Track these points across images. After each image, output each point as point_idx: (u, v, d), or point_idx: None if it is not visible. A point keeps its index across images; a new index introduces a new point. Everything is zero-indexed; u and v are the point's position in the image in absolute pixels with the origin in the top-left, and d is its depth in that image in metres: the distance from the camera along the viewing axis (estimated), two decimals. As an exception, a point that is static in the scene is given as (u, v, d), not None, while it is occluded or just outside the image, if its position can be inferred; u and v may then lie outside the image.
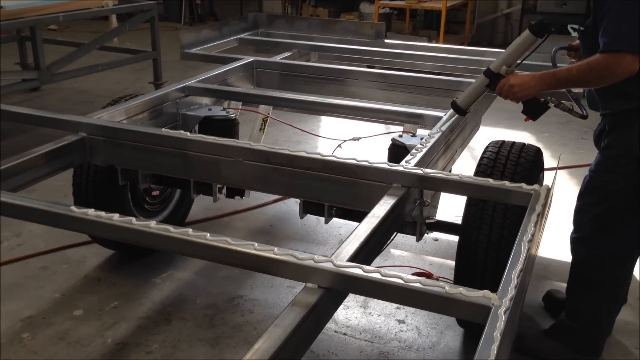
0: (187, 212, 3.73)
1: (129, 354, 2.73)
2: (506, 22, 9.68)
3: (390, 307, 3.03)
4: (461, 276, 2.47)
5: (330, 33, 4.54)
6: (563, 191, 4.32)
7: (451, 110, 2.72)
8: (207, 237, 1.67)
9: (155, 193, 3.45)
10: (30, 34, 5.05)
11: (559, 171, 4.63)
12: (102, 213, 1.77)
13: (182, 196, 3.60)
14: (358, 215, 2.55)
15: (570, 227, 2.65)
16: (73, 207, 1.81)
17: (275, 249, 1.62)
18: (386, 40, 4.39)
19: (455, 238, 2.74)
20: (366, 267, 1.54)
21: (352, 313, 3.01)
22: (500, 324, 1.31)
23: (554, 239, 3.50)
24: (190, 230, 1.69)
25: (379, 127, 4.80)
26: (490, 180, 2.05)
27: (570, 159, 4.99)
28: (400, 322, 2.95)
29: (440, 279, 3.22)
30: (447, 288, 1.45)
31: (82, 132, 2.54)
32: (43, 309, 3.02)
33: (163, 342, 2.80)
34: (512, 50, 2.51)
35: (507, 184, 2.02)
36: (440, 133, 2.51)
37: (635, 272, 3.17)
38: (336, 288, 1.58)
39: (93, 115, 2.65)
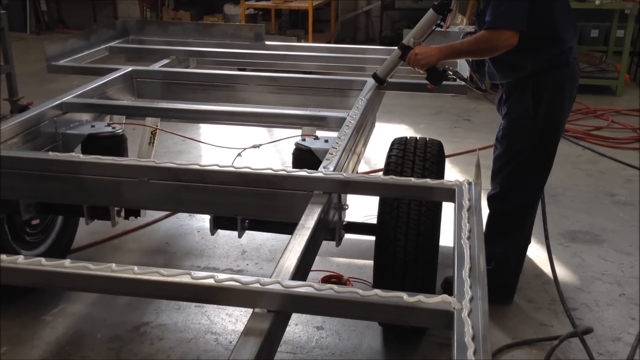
0: (72, 238, 3.42)
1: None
2: (367, 18, 9.97)
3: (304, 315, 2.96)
4: (381, 276, 2.46)
5: (207, 37, 4.36)
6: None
7: (372, 82, 3.08)
8: (135, 271, 1.49)
9: (35, 222, 3.12)
10: None
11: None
12: (4, 256, 1.53)
13: (65, 222, 3.29)
14: (273, 226, 2.47)
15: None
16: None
17: (217, 275, 1.48)
18: (267, 42, 4.31)
19: (360, 237, 2.75)
20: (317, 285, 1.45)
21: (268, 326, 2.90)
22: (469, 329, 1.29)
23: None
24: (114, 265, 1.51)
25: (265, 132, 4.73)
26: (412, 179, 2.04)
27: (447, 148, 5.19)
28: (319, 328, 2.90)
29: (352, 279, 3.22)
30: (405, 297, 1.40)
31: (-51, 164, 2.21)
32: None
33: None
34: (419, 26, 2.91)
35: (429, 181, 2.02)
36: (349, 135, 2.48)
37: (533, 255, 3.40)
38: (287, 310, 1.48)
39: (-39, 143, 2.32)
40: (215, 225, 2.39)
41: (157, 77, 3.49)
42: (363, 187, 2.08)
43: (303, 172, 2.10)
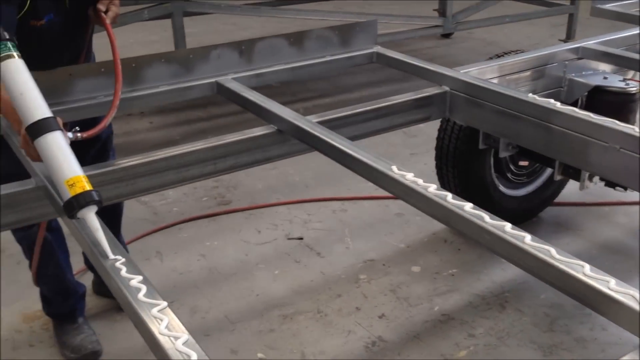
0: (559, 190, 3.27)
1: (450, 329, 2.54)
2: None
3: None
4: None
5: None
6: None
7: None
8: (526, 241, 1.30)
9: (523, 163, 3.09)
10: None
11: None
12: (420, 181, 1.55)
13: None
14: None
15: None
16: (394, 167, 1.63)
17: (612, 281, 1.16)
18: None
19: None
20: None
21: None
22: None
23: None
24: (509, 226, 1.34)
25: None
26: None
27: None
28: None
29: None
30: None
31: (445, 86, 2.34)
32: (385, 256, 3.04)
33: (490, 330, 2.52)
34: None
35: None
36: None
37: None
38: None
39: (460, 69, 2.41)
40: None
41: None
42: None
43: None
